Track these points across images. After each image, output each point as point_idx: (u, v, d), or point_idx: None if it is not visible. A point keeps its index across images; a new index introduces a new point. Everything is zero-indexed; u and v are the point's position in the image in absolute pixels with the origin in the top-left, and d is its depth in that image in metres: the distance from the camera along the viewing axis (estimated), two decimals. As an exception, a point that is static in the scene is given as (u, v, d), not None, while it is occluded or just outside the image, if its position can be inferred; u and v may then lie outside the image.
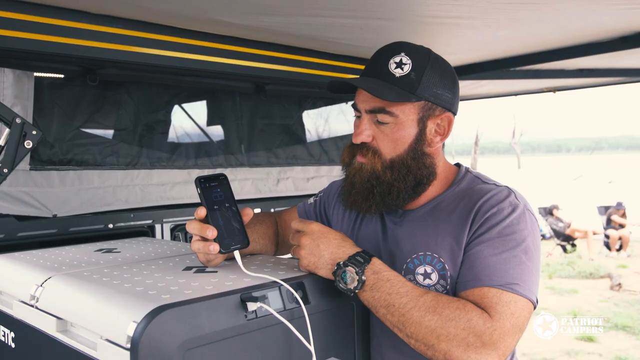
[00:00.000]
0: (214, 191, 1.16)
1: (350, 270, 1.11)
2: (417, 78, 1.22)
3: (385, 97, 1.20)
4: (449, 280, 1.19)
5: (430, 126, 1.26)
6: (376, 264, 1.13)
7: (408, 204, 1.31)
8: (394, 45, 1.27)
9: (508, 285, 1.10)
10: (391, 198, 1.27)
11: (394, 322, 1.09)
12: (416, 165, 1.26)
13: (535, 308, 1.14)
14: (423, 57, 1.24)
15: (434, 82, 1.23)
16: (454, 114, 1.30)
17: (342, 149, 1.36)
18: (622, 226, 10.27)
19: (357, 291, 1.11)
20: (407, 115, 1.23)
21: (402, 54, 1.23)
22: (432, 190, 1.31)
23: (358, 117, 1.30)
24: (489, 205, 1.19)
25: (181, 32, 2.05)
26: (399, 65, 1.22)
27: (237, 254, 1.16)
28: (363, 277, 1.10)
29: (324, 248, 1.15)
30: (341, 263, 1.12)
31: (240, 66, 2.25)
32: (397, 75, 1.22)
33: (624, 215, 10.40)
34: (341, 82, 1.28)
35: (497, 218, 1.17)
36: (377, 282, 1.10)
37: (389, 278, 1.11)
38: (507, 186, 1.26)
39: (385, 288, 1.10)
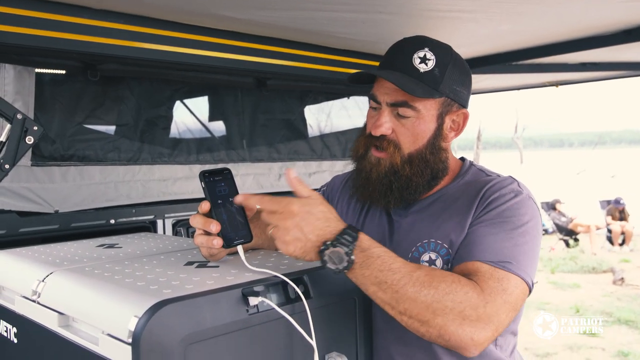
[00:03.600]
0: (218, 185, 1.16)
1: (339, 251, 1.03)
2: (441, 74, 1.23)
3: (413, 92, 1.20)
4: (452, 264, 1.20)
5: (447, 122, 1.28)
6: (364, 240, 1.06)
7: (422, 196, 1.32)
8: (416, 39, 1.28)
9: (500, 263, 1.10)
10: (409, 192, 1.28)
11: (385, 300, 1.05)
12: (434, 160, 1.27)
13: (530, 291, 1.14)
14: (446, 53, 1.26)
15: (455, 79, 1.25)
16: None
17: (355, 140, 1.35)
18: (623, 219, 10.27)
19: (345, 271, 1.05)
20: (428, 110, 1.25)
21: (426, 49, 1.24)
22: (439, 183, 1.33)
23: (374, 109, 1.30)
24: (493, 190, 1.21)
25: (182, 27, 2.05)
26: (423, 60, 1.23)
27: (240, 248, 1.16)
28: (352, 257, 1.04)
29: (309, 231, 1.04)
30: (329, 243, 1.04)
31: (241, 61, 2.25)
32: (422, 70, 1.23)
33: (623, 212, 10.39)
34: (363, 73, 1.28)
35: (498, 201, 1.19)
36: (366, 259, 1.05)
37: (379, 254, 1.06)
38: (510, 176, 1.29)
39: (376, 265, 1.05)
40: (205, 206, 1.15)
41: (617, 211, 10.37)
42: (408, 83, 1.21)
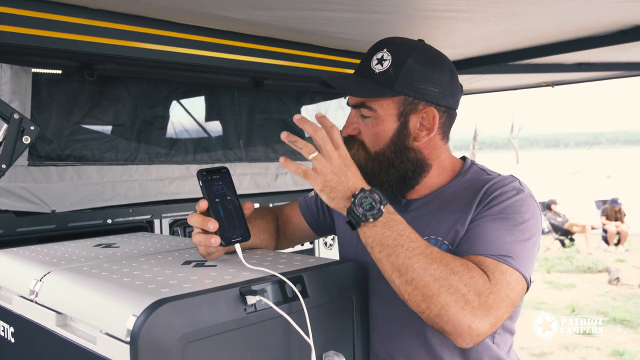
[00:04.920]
0: (216, 184, 1.17)
1: (375, 197, 1.07)
2: (395, 73, 1.23)
3: (356, 93, 1.26)
4: None
5: (414, 120, 1.26)
6: (391, 208, 1.11)
7: (408, 194, 1.33)
8: (381, 41, 1.30)
9: (502, 257, 1.11)
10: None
11: (397, 264, 1.05)
12: (398, 159, 1.27)
13: (528, 289, 1.15)
14: (406, 52, 1.25)
15: (415, 77, 1.24)
16: (448, 108, 1.29)
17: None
18: (618, 220, 10.30)
19: (370, 220, 1.07)
20: (385, 110, 1.25)
21: (385, 50, 1.26)
22: (438, 181, 1.33)
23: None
24: (494, 188, 1.22)
25: (179, 27, 2.05)
26: (380, 61, 1.25)
27: (238, 247, 1.16)
28: (382, 209, 1.07)
29: (351, 175, 1.10)
30: (366, 189, 1.08)
31: (238, 61, 2.25)
32: (377, 71, 1.25)
33: (619, 212, 10.42)
34: (324, 79, 1.34)
35: (500, 198, 1.19)
36: (390, 220, 1.08)
37: (401, 221, 1.10)
38: (511, 174, 1.29)
39: (397, 229, 1.08)
40: (203, 205, 1.15)
41: (613, 211, 10.40)
42: (353, 85, 1.27)
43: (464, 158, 1.40)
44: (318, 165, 1.09)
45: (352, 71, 1.35)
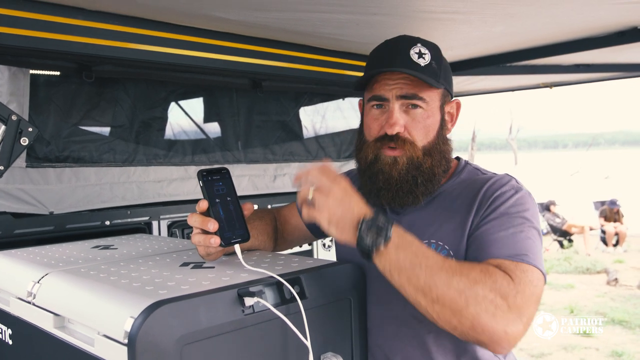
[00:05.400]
0: (216, 184, 1.17)
1: (379, 224, 1.04)
2: (438, 67, 1.27)
3: (429, 82, 1.22)
4: None
5: (446, 113, 1.33)
6: (399, 227, 1.08)
7: None
8: (405, 37, 1.31)
9: (518, 256, 1.10)
10: (433, 184, 1.29)
11: (419, 286, 1.02)
12: (446, 149, 1.31)
13: (545, 282, 1.13)
14: (436, 48, 1.31)
15: (447, 71, 1.31)
16: None
17: (361, 147, 1.33)
18: (617, 221, 10.30)
19: (381, 247, 1.04)
20: (434, 101, 1.28)
21: (419, 44, 1.28)
22: None
23: (378, 107, 1.29)
24: (493, 189, 1.22)
25: (178, 28, 2.05)
26: (420, 55, 1.26)
27: (237, 247, 1.16)
28: (390, 233, 1.04)
29: (354, 204, 1.07)
30: (368, 217, 1.05)
31: (236, 62, 2.25)
32: (422, 64, 1.25)
33: (618, 213, 10.43)
34: (367, 77, 1.27)
35: (501, 199, 1.20)
36: (402, 243, 1.05)
37: (412, 240, 1.07)
38: (506, 173, 1.30)
39: (412, 248, 1.05)
40: (203, 205, 1.15)
41: (612, 212, 10.40)
42: (418, 74, 1.23)
43: (457, 158, 1.41)
44: (319, 201, 1.07)
45: (350, 72, 1.35)
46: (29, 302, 1.16)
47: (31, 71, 2.00)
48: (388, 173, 1.26)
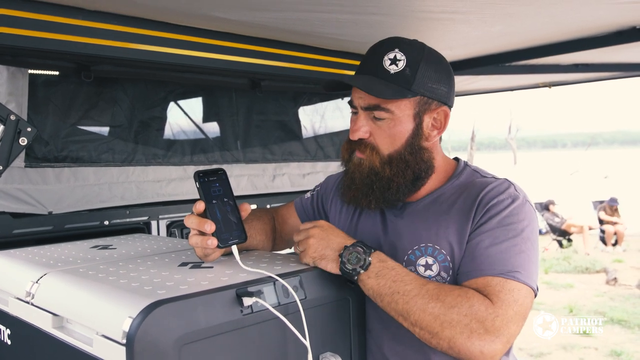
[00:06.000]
0: (213, 186, 1.17)
1: (358, 250, 1.14)
2: (412, 74, 1.23)
3: (381, 95, 1.21)
4: (450, 271, 1.21)
5: (427, 120, 1.27)
6: (381, 253, 1.16)
7: (407, 197, 1.32)
8: (387, 41, 1.28)
9: (510, 273, 1.11)
10: (390, 193, 1.28)
11: (398, 310, 1.10)
12: (414, 160, 1.27)
13: (535, 296, 1.16)
14: (417, 52, 1.25)
15: (429, 77, 1.24)
16: (450, 107, 1.31)
17: (343, 146, 1.37)
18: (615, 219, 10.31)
19: (361, 272, 1.13)
20: (403, 111, 1.24)
21: (396, 49, 1.24)
22: (432, 184, 1.32)
23: (355, 114, 1.32)
24: (490, 197, 1.21)
25: (177, 28, 2.05)
26: (394, 61, 1.23)
27: (234, 248, 1.16)
28: (369, 259, 1.13)
29: (333, 238, 1.19)
30: (349, 246, 1.15)
31: (235, 62, 2.25)
32: (392, 72, 1.23)
33: (616, 211, 10.43)
34: (337, 80, 1.31)
35: (497, 208, 1.19)
36: (382, 269, 1.13)
37: (393, 267, 1.14)
38: (506, 179, 1.28)
39: (390, 276, 1.12)
40: (200, 206, 1.15)
41: (612, 209, 10.41)
42: (376, 86, 1.22)
43: (456, 159, 1.40)
44: (303, 244, 1.20)
45: (349, 72, 1.35)
46: (27, 302, 1.16)
47: (30, 71, 2.00)
48: (352, 173, 1.32)
